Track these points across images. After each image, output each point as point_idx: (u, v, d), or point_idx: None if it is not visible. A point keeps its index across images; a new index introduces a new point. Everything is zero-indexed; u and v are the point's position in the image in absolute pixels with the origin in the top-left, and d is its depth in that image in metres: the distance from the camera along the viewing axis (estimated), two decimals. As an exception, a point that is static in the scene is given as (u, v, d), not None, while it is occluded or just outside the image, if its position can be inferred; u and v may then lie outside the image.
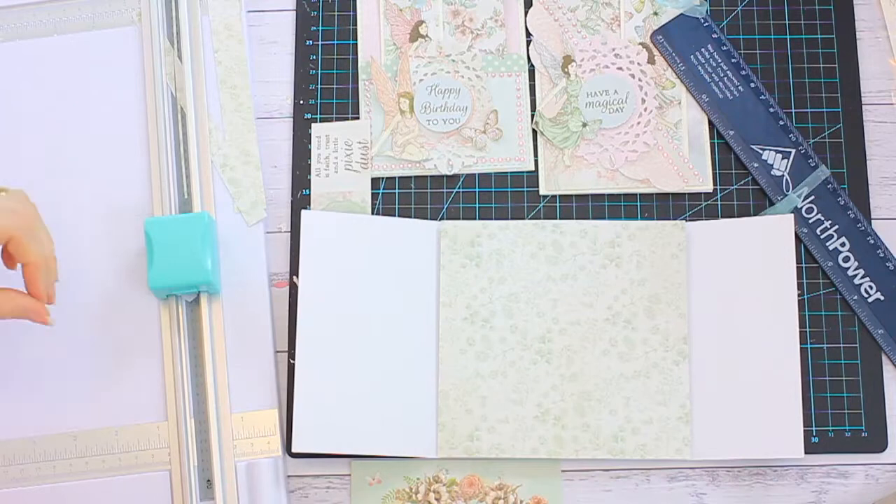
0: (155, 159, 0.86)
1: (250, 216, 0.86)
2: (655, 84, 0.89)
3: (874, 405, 0.83)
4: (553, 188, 0.87)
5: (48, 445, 0.82)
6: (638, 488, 0.82)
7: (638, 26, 0.90)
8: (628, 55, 0.89)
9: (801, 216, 0.85)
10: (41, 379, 0.83)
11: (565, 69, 0.89)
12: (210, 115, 0.88)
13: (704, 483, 0.82)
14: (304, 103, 0.89)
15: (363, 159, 0.87)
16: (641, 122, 0.88)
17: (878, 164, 0.87)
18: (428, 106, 0.88)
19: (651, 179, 0.86)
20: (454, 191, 0.87)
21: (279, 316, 0.85)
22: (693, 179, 0.87)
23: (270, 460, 0.81)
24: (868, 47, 0.90)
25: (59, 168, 0.87)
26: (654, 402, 0.82)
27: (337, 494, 0.82)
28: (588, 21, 0.90)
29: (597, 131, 0.88)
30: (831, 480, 0.82)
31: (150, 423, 0.82)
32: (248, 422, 0.82)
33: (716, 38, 0.89)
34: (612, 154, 0.87)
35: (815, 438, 0.82)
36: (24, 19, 0.90)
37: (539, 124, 0.88)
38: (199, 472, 0.81)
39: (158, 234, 0.81)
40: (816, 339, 0.84)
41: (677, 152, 0.87)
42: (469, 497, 0.82)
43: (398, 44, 0.90)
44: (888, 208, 0.86)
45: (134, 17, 0.90)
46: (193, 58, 0.88)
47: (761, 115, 0.87)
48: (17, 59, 0.89)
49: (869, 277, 0.84)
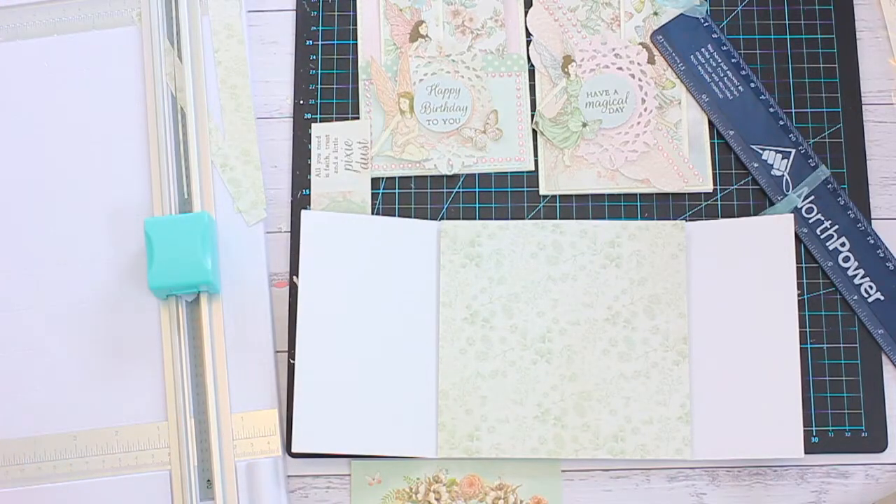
0: (155, 159, 0.86)
1: (250, 216, 0.86)
2: (655, 84, 0.89)
3: (874, 405, 0.83)
4: (553, 188, 0.87)
5: (48, 445, 0.82)
6: (638, 488, 0.82)
7: (638, 26, 0.90)
8: (628, 55, 0.89)
9: (801, 216, 0.85)
10: (41, 379, 0.83)
11: (565, 69, 0.89)
12: (210, 115, 0.88)
13: (704, 483, 0.82)
14: (304, 103, 0.89)
15: (363, 159, 0.87)
16: (641, 122, 0.88)
17: (878, 164, 0.87)
18: (428, 106, 0.88)
19: (651, 179, 0.86)
20: (454, 191, 0.87)
21: (279, 316, 0.85)
22: (693, 179, 0.87)
23: (270, 460, 0.81)
24: (868, 47, 0.90)
25: (59, 168, 0.87)
26: (654, 402, 0.82)
27: (337, 494, 0.82)
28: (588, 21, 0.90)
29: (597, 131, 0.88)
30: (831, 480, 0.82)
31: (150, 423, 0.82)
32: (248, 422, 0.82)
33: (716, 38, 0.89)
34: (612, 154, 0.87)
35: (815, 438, 0.82)
36: (24, 19, 0.90)
37: (539, 124, 0.88)
38: (199, 472, 0.81)
39: (158, 234, 0.81)
40: (816, 339, 0.84)
41: (677, 152, 0.87)
42: (469, 497, 0.82)
43: (398, 44, 0.90)
44: (888, 208, 0.86)
45: (134, 17, 0.90)
46: (193, 58, 0.88)
47: (761, 115, 0.87)
48: (17, 59, 0.89)
49: (869, 277, 0.84)
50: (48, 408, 0.82)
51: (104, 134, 0.87)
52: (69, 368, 0.83)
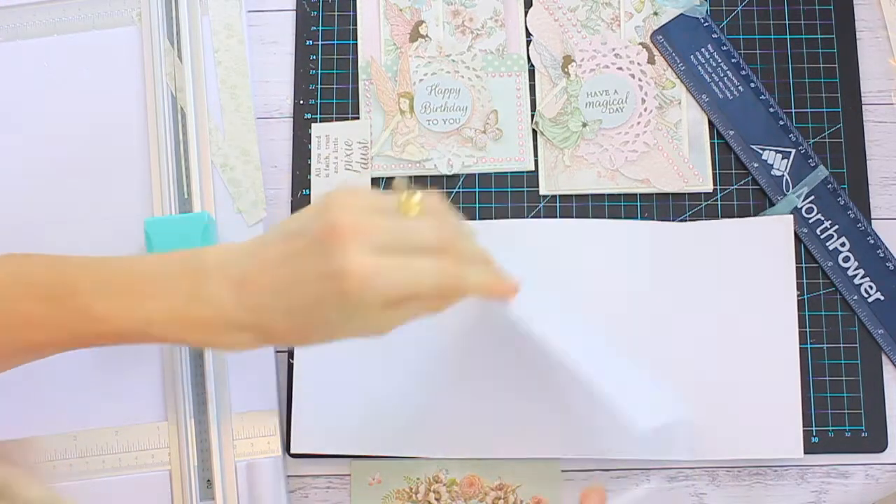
0: (155, 159, 0.86)
1: (250, 216, 0.86)
2: (655, 84, 0.89)
3: (874, 405, 0.83)
4: (553, 188, 0.86)
5: (48, 445, 0.82)
6: (638, 488, 0.82)
7: (638, 26, 0.90)
8: (628, 55, 0.89)
9: (801, 216, 0.85)
10: (41, 379, 0.83)
11: (565, 69, 0.89)
12: (210, 115, 0.88)
13: (704, 483, 0.82)
14: (304, 103, 0.89)
15: (363, 159, 0.87)
16: (641, 122, 0.88)
17: (878, 164, 0.87)
18: (428, 106, 0.88)
19: (651, 179, 0.86)
20: (454, 191, 0.87)
21: (279, 316, 0.85)
22: (693, 179, 0.86)
23: (270, 460, 0.81)
24: (868, 47, 0.89)
25: (58, 168, 0.86)
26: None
27: (337, 494, 0.82)
28: (588, 21, 0.90)
29: (597, 131, 0.88)
30: (831, 480, 0.82)
31: (150, 423, 0.82)
32: (248, 422, 0.82)
33: (716, 38, 0.89)
34: (612, 154, 0.87)
35: (815, 438, 0.82)
36: (24, 19, 0.90)
37: (539, 124, 0.88)
38: (199, 472, 0.81)
39: (158, 234, 0.81)
40: (816, 339, 0.84)
41: (677, 152, 0.87)
42: (469, 497, 0.81)
43: (398, 44, 0.90)
44: (888, 208, 0.86)
45: (134, 17, 0.90)
46: (193, 58, 0.88)
47: (761, 115, 0.87)
48: (17, 59, 0.89)
49: (869, 277, 0.84)
50: (48, 408, 0.82)
51: (104, 134, 0.87)
52: (69, 368, 0.83)
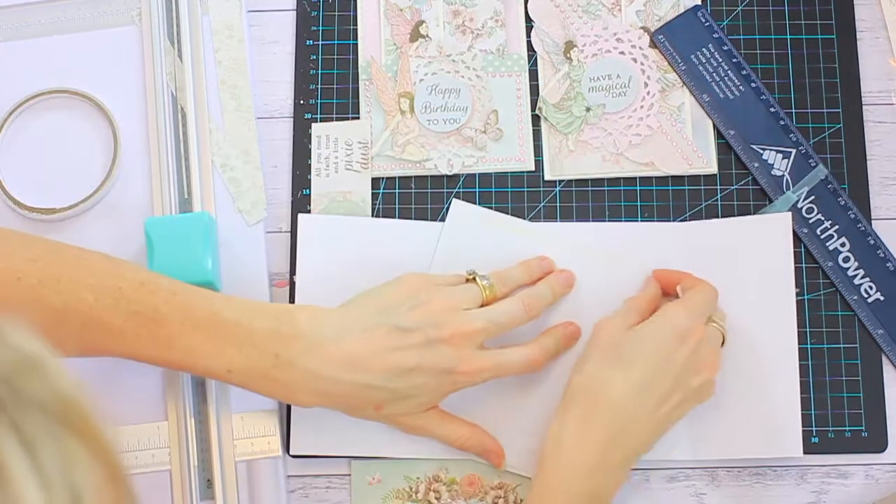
0: (155, 159, 0.86)
1: (251, 216, 0.86)
2: (657, 67, 0.89)
3: (874, 405, 0.82)
4: (558, 173, 0.87)
5: (48, 445, 0.81)
6: (638, 488, 0.82)
7: (639, 10, 0.90)
8: (630, 39, 0.89)
9: (802, 216, 0.85)
10: (41, 379, 0.83)
11: (567, 54, 0.89)
12: (210, 115, 0.88)
13: (704, 483, 0.82)
14: (304, 103, 0.89)
15: (363, 159, 0.87)
16: (644, 106, 0.88)
17: (878, 164, 0.87)
18: (428, 106, 0.88)
19: (655, 162, 0.87)
20: (454, 191, 0.87)
21: (279, 316, 0.85)
22: (697, 161, 0.87)
23: (270, 460, 0.81)
24: (868, 47, 0.89)
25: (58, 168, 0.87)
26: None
27: (337, 494, 0.82)
28: (589, 6, 0.90)
29: (600, 115, 0.88)
30: (831, 480, 0.82)
31: (150, 423, 0.82)
32: (248, 422, 0.82)
33: (717, 37, 0.89)
34: (617, 138, 0.87)
35: (815, 438, 0.82)
36: (24, 19, 0.90)
37: (542, 110, 0.88)
38: (199, 472, 0.81)
39: (158, 234, 0.81)
40: (816, 339, 0.84)
41: (681, 135, 0.87)
42: (469, 496, 0.82)
43: (398, 44, 0.90)
44: (888, 208, 0.86)
45: (134, 17, 0.90)
46: (193, 58, 0.88)
47: (762, 115, 0.87)
48: (17, 59, 0.89)
49: (869, 277, 0.84)
50: (48, 408, 0.82)
51: (104, 134, 0.87)
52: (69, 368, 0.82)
